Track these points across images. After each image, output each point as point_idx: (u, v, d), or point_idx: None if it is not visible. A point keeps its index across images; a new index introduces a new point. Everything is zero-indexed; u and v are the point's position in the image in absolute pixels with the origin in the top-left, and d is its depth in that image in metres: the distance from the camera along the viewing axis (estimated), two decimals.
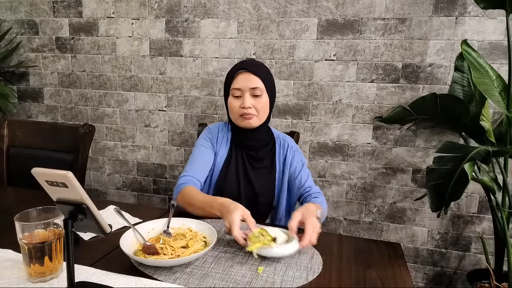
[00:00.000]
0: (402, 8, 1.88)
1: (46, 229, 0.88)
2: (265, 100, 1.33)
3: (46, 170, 0.74)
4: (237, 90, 1.32)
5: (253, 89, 1.30)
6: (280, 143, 1.43)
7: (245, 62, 1.38)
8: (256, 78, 1.31)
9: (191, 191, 1.26)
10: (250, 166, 1.38)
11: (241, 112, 1.32)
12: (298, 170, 1.39)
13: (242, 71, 1.32)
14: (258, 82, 1.31)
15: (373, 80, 1.98)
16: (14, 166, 1.73)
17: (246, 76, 1.31)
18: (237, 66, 1.36)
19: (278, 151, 1.42)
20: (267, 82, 1.33)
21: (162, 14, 2.20)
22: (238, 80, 1.32)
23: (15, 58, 2.50)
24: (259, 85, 1.31)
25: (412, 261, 2.10)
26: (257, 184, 1.37)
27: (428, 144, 1.98)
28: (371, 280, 0.93)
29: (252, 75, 1.31)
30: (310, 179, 1.41)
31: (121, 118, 2.42)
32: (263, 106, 1.33)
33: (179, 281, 0.88)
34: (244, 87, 1.31)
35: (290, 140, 1.45)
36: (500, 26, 1.79)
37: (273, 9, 2.04)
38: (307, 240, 1.00)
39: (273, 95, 1.39)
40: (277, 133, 1.47)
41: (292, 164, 1.40)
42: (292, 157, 1.41)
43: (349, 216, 2.14)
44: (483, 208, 1.96)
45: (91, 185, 2.56)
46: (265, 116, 1.36)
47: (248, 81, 1.31)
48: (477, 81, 1.61)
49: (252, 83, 1.30)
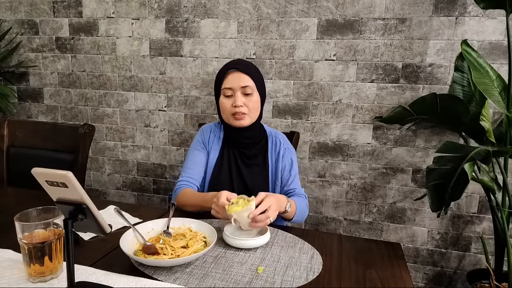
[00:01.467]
0: (402, 8, 1.88)
1: (46, 229, 0.88)
2: (256, 98, 1.35)
3: (46, 170, 0.74)
4: (228, 90, 1.34)
5: (244, 88, 1.32)
6: (273, 140, 1.44)
7: (234, 62, 1.39)
8: (247, 77, 1.33)
9: (186, 193, 1.33)
10: (242, 164, 1.40)
11: (233, 111, 1.33)
12: (287, 169, 1.41)
13: (232, 71, 1.34)
14: (248, 81, 1.33)
15: (373, 80, 1.98)
16: (14, 166, 1.73)
17: (236, 75, 1.33)
18: (227, 66, 1.37)
19: (270, 148, 1.43)
20: (257, 81, 1.35)
21: (162, 14, 2.20)
22: (228, 80, 1.34)
23: (15, 58, 2.50)
24: (249, 84, 1.33)
25: (412, 261, 2.10)
26: (250, 181, 1.39)
27: (428, 144, 1.98)
28: (371, 280, 0.93)
29: (243, 74, 1.33)
30: (297, 180, 1.42)
31: (121, 118, 2.42)
32: (254, 104, 1.34)
33: (179, 281, 0.88)
34: (235, 86, 1.32)
35: (282, 138, 1.46)
36: (500, 26, 1.79)
37: (273, 9, 2.04)
38: (253, 213, 1.05)
39: (264, 93, 1.41)
40: (270, 130, 1.48)
41: (282, 161, 1.41)
42: (282, 154, 1.42)
43: (349, 216, 2.14)
44: (483, 208, 1.96)
45: (91, 185, 2.56)
46: (257, 114, 1.38)
47: (238, 80, 1.32)
48: (477, 81, 1.61)
49: (243, 81, 1.32)
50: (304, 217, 1.36)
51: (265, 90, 1.43)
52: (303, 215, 1.35)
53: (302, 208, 1.33)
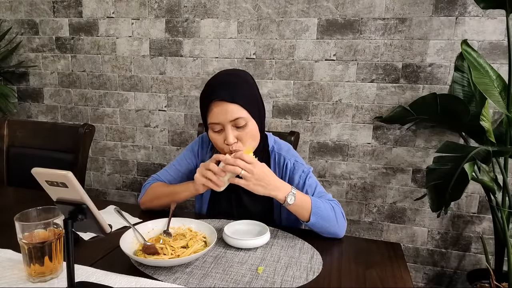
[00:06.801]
0: (402, 8, 1.88)
1: (46, 229, 0.87)
2: (251, 127, 1.11)
3: (46, 170, 0.74)
4: (216, 125, 1.10)
5: (234, 121, 1.08)
6: (275, 158, 1.24)
7: (217, 84, 1.11)
8: (236, 107, 1.07)
9: (156, 186, 1.27)
10: (242, 190, 1.12)
11: (226, 149, 1.11)
12: (301, 185, 1.18)
13: (216, 102, 1.08)
14: (239, 112, 1.08)
15: (373, 80, 1.98)
16: (14, 166, 1.73)
17: (223, 107, 1.07)
18: (210, 94, 1.10)
19: (273, 169, 1.23)
20: (250, 106, 1.10)
21: (162, 14, 2.20)
22: (214, 113, 1.09)
23: (15, 58, 2.50)
24: (241, 115, 1.08)
25: (412, 261, 2.10)
26: (252, 208, 1.24)
27: (428, 144, 1.98)
28: (371, 280, 0.93)
29: (230, 104, 1.07)
30: (319, 188, 1.19)
31: (121, 118, 2.42)
32: (250, 135, 1.12)
33: (179, 281, 0.88)
34: (223, 121, 1.08)
35: (287, 152, 1.24)
36: (500, 26, 1.79)
37: (273, 9, 2.03)
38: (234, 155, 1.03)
39: (262, 115, 1.18)
40: (272, 144, 1.26)
41: (294, 179, 1.20)
42: (291, 172, 1.21)
43: (349, 216, 2.14)
44: (483, 208, 1.96)
45: (91, 185, 2.56)
46: (257, 142, 1.17)
47: (226, 113, 1.07)
48: (477, 81, 1.61)
49: (231, 114, 1.07)
50: (334, 225, 1.09)
51: (263, 109, 1.19)
52: (331, 221, 1.09)
53: (326, 212, 1.08)
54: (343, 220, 1.12)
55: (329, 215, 1.09)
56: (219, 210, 1.30)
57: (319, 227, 1.09)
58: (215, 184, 1.07)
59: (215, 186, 1.08)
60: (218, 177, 1.07)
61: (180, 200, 1.21)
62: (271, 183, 1.06)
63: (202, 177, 1.08)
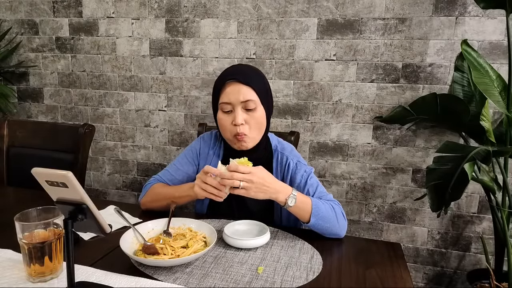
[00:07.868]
0: (402, 8, 1.88)
1: (46, 229, 0.88)
2: (260, 113, 1.15)
3: (46, 170, 0.74)
4: (227, 105, 1.14)
5: (245, 103, 1.12)
6: (278, 158, 1.25)
7: (234, 70, 1.17)
8: (248, 89, 1.12)
9: (157, 187, 1.27)
10: None
11: (233, 131, 1.15)
12: (303, 184, 1.19)
13: (231, 82, 1.13)
14: (250, 94, 1.12)
15: (373, 80, 1.98)
16: (14, 166, 1.73)
17: (236, 87, 1.12)
18: (225, 75, 1.16)
19: (275, 168, 1.24)
20: (261, 93, 1.15)
21: (162, 14, 2.20)
22: (227, 93, 1.13)
23: (15, 58, 2.50)
24: (251, 97, 1.12)
25: (412, 261, 2.10)
26: (252, 208, 1.26)
27: (428, 144, 1.98)
28: (371, 280, 0.93)
29: (243, 85, 1.12)
30: (320, 188, 1.19)
31: (121, 118, 2.42)
32: (257, 121, 1.15)
33: (179, 281, 0.88)
34: (235, 101, 1.13)
35: (290, 153, 1.26)
36: (500, 26, 1.79)
37: (273, 9, 2.04)
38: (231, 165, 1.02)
39: (270, 105, 1.21)
40: (275, 144, 1.28)
41: (295, 179, 1.21)
42: (293, 172, 1.22)
43: (349, 216, 2.14)
44: (483, 208, 1.96)
45: (91, 185, 2.56)
46: (261, 133, 1.19)
47: (238, 94, 1.12)
48: (477, 81, 1.61)
49: (243, 95, 1.12)
50: (334, 225, 1.10)
51: (271, 102, 1.23)
52: (331, 222, 1.09)
53: (326, 213, 1.09)
54: (343, 220, 1.13)
55: (329, 216, 1.09)
56: (219, 210, 1.30)
57: (320, 227, 1.10)
58: (217, 196, 1.06)
59: (217, 198, 1.07)
60: (218, 191, 1.05)
61: (180, 203, 1.21)
62: (271, 187, 1.05)
63: (202, 191, 1.07)
